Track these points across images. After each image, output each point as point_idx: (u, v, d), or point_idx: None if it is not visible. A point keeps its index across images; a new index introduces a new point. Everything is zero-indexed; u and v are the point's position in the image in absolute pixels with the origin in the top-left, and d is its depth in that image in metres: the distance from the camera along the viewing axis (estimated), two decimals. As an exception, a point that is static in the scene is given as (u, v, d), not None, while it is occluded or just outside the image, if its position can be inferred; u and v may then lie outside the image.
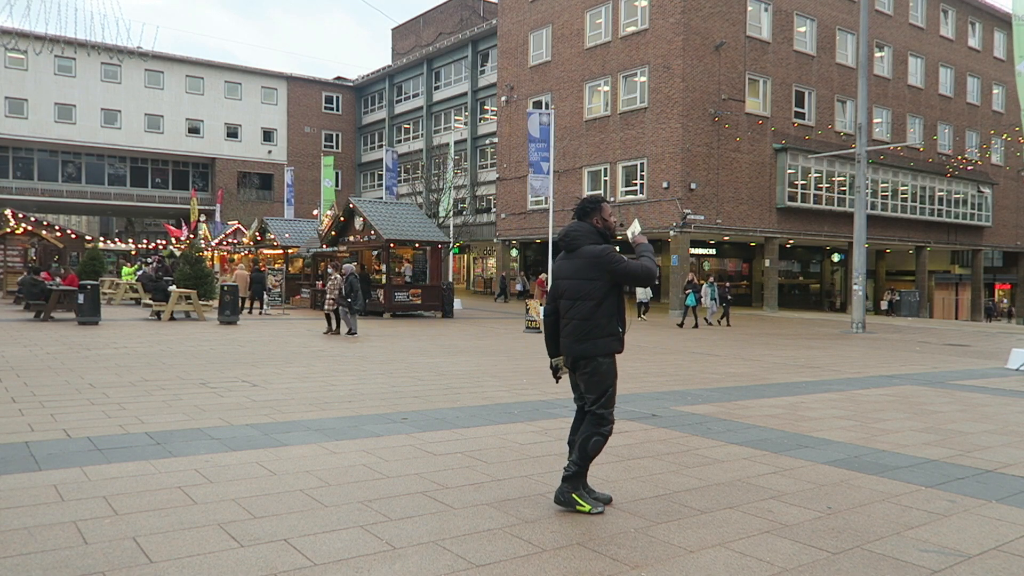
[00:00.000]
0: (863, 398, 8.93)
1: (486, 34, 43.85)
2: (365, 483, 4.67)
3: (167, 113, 49.62)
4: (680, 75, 28.15)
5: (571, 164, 32.72)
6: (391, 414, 7.00)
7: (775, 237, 31.43)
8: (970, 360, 14.36)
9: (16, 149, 47.08)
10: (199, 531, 3.73)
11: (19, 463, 4.90)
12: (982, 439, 6.61)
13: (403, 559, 3.45)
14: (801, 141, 31.92)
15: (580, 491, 4.18)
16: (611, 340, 4.12)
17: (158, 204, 51.05)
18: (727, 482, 4.95)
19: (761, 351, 14.83)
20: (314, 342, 14.03)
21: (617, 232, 4.46)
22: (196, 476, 4.71)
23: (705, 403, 8.15)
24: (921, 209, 36.93)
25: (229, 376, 9.22)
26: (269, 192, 52.64)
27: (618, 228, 4.60)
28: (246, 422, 6.45)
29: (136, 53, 39.87)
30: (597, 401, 4.14)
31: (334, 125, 56.14)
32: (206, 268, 21.70)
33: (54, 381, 8.44)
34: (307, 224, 31.25)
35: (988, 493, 4.85)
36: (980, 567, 3.57)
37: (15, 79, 45.21)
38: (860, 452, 5.94)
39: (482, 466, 5.19)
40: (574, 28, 33.08)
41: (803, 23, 32.41)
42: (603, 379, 4.12)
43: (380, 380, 9.27)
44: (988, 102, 41.84)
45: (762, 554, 3.66)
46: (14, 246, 28.22)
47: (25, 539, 3.55)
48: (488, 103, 44.56)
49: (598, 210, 4.29)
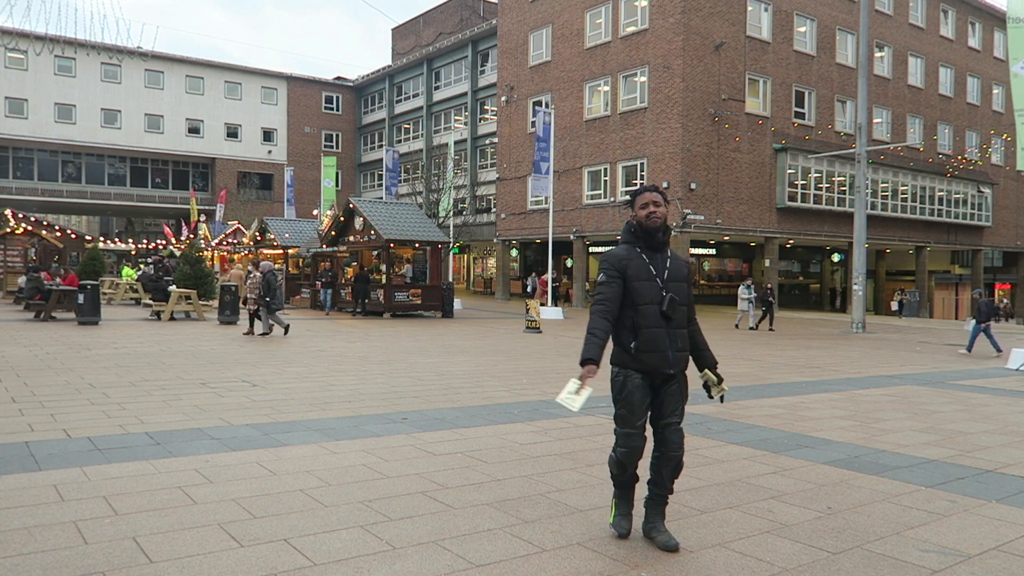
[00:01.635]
0: (863, 398, 8.93)
1: (486, 34, 43.85)
2: (365, 483, 4.67)
3: (167, 113, 49.62)
4: (680, 75, 28.15)
5: (571, 164, 32.71)
6: (391, 414, 7.00)
7: (775, 237, 31.42)
8: (970, 360, 14.36)
9: (16, 149, 47.07)
10: (199, 531, 3.73)
11: (19, 463, 4.90)
12: (982, 439, 6.61)
13: (403, 559, 3.45)
14: (801, 141, 31.92)
15: (617, 500, 3.92)
16: (618, 351, 3.76)
17: (158, 204, 51.06)
18: (727, 482, 4.94)
19: (761, 351, 14.83)
20: (314, 342, 14.03)
21: (669, 223, 3.79)
22: (196, 476, 4.71)
23: (705, 403, 8.14)
24: (921, 209, 36.93)
25: (229, 376, 9.22)
26: (269, 192, 52.64)
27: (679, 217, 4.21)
28: (246, 422, 6.45)
29: (136, 53, 39.87)
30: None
31: (334, 125, 56.14)
32: (206, 268, 21.70)
33: (54, 381, 8.44)
34: (307, 224, 31.27)
35: (988, 493, 4.85)
36: (980, 567, 3.57)
37: (15, 79, 45.21)
38: (860, 452, 5.93)
39: (482, 466, 5.18)
40: (574, 28, 33.07)
41: (803, 23, 32.41)
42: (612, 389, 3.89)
43: (380, 380, 9.27)
44: (988, 102, 41.84)
45: (762, 554, 3.66)
46: (14, 246, 28.23)
47: (25, 539, 3.55)
48: (488, 103, 44.56)
49: (631, 204, 3.81)
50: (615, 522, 3.86)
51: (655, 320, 3.63)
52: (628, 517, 3.86)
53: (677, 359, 3.66)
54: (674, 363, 3.65)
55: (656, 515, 3.79)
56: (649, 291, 3.64)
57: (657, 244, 3.73)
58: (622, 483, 3.83)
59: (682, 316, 3.70)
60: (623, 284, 3.66)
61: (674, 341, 3.66)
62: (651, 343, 3.62)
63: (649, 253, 3.72)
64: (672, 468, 3.70)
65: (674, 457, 3.68)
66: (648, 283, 3.65)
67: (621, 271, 3.67)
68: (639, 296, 3.63)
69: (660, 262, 3.71)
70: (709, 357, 3.85)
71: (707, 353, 3.86)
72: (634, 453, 3.68)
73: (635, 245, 3.74)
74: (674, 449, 3.68)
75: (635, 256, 3.70)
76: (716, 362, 3.86)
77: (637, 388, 3.65)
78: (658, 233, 3.71)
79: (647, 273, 3.66)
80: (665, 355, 3.63)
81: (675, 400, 3.71)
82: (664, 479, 3.72)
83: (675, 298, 3.64)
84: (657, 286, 3.65)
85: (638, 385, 3.65)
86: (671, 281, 3.69)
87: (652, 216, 3.69)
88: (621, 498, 3.89)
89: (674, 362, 3.65)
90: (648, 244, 3.73)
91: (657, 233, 3.71)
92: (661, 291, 3.65)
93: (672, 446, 3.68)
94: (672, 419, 3.70)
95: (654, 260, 3.70)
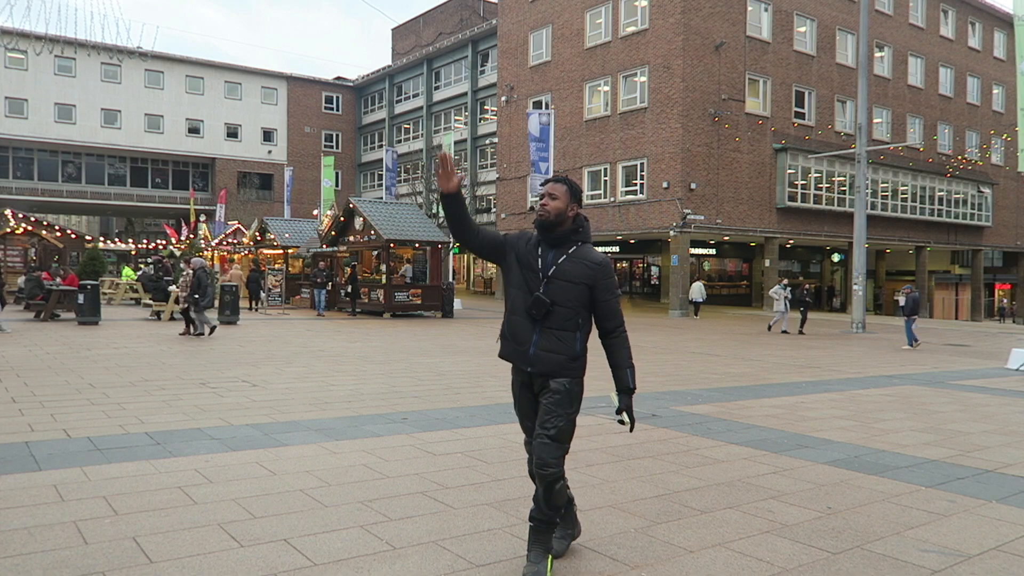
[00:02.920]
0: (863, 398, 8.93)
1: (486, 34, 43.85)
2: (365, 483, 4.67)
3: (167, 113, 49.61)
4: (680, 75, 28.15)
5: (571, 164, 32.71)
6: (391, 414, 7.00)
7: (775, 237, 31.42)
8: (970, 360, 14.36)
9: (16, 149, 47.07)
10: (199, 531, 3.73)
11: (19, 463, 4.90)
12: (982, 439, 6.61)
13: (403, 559, 3.45)
14: (801, 141, 31.92)
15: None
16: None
17: (158, 204, 51.05)
18: (727, 482, 4.94)
19: (761, 351, 14.82)
20: (314, 342, 14.03)
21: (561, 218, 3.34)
22: (196, 476, 4.71)
23: (705, 403, 8.15)
24: (921, 209, 36.93)
25: (229, 376, 9.22)
26: (269, 192, 52.63)
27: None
28: (246, 422, 6.45)
29: (136, 53, 39.88)
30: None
31: (334, 125, 56.13)
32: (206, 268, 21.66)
33: (54, 381, 8.44)
34: (307, 224, 31.26)
35: (988, 493, 4.85)
36: (980, 567, 3.57)
37: (15, 79, 45.20)
38: (860, 452, 5.94)
39: (482, 466, 5.18)
40: (574, 28, 33.08)
41: (803, 23, 32.41)
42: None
43: (380, 380, 9.27)
44: (988, 102, 41.84)
45: (762, 554, 3.66)
46: (14, 246, 28.22)
47: (25, 539, 3.55)
48: (488, 103, 44.56)
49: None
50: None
51: (522, 310, 3.28)
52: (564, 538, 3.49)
53: (538, 358, 3.25)
54: (533, 361, 3.26)
55: (532, 542, 3.30)
56: (526, 280, 3.29)
57: (552, 240, 3.31)
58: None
59: (560, 319, 3.25)
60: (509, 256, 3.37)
61: (544, 339, 3.25)
62: (510, 330, 3.33)
63: (544, 247, 3.32)
64: (544, 488, 3.22)
65: (544, 476, 3.19)
66: (529, 272, 3.30)
67: (512, 246, 3.38)
68: (515, 279, 3.32)
69: (552, 258, 3.30)
70: (623, 378, 3.31)
71: (621, 373, 3.32)
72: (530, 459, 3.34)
73: (537, 239, 3.37)
74: (541, 466, 3.19)
75: (531, 244, 3.35)
76: (633, 388, 3.32)
77: (516, 388, 3.41)
78: (550, 228, 3.31)
79: (532, 264, 3.30)
80: (524, 350, 3.28)
81: (547, 412, 3.24)
82: (538, 500, 3.26)
83: (542, 298, 3.20)
84: (537, 279, 3.27)
85: (518, 386, 3.40)
86: (556, 279, 3.25)
87: (542, 208, 3.31)
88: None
89: (533, 360, 3.26)
90: (547, 240, 3.33)
91: (549, 228, 3.31)
92: (538, 286, 3.26)
93: (540, 462, 3.20)
94: (542, 431, 3.23)
95: (545, 254, 3.31)
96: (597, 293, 3.29)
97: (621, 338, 3.34)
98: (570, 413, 3.27)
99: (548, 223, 3.30)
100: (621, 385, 3.32)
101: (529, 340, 3.27)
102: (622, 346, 3.34)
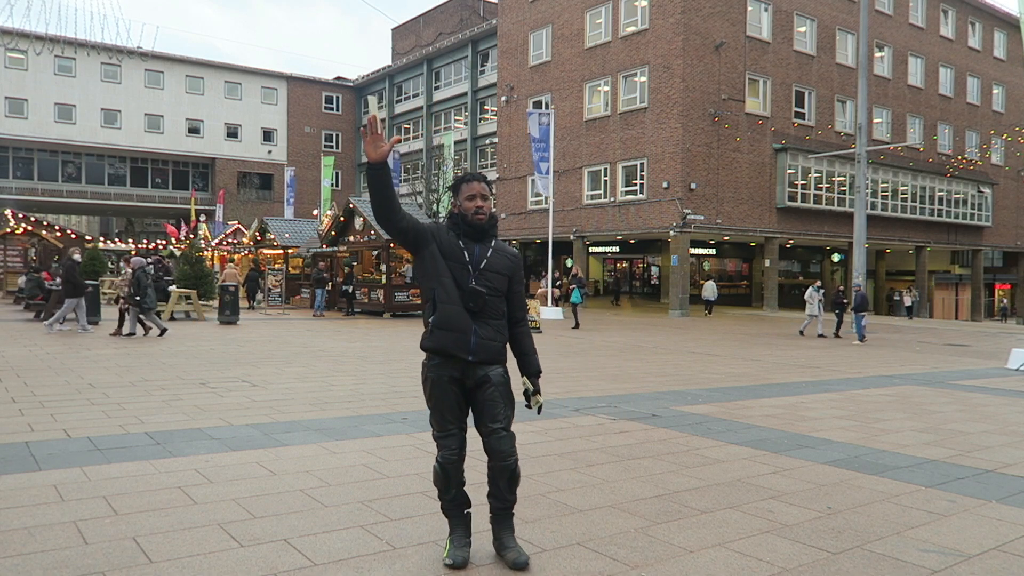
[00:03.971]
0: (863, 398, 8.93)
1: (486, 34, 43.85)
2: (365, 483, 4.67)
3: (167, 113, 49.61)
4: (680, 75, 28.15)
5: (571, 164, 32.72)
6: (391, 414, 7.00)
7: (775, 237, 31.42)
8: (970, 360, 14.36)
9: (16, 149, 47.07)
10: (199, 531, 3.73)
11: (19, 463, 4.90)
12: (982, 439, 6.61)
13: (403, 559, 3.45)
14: (801, 141, 31.92)
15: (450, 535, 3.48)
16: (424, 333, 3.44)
17: (158, 204, 51.05)
18: (727, 482, 4.94)
19: (761, 351, 14.83)
20: (315, 342, 14.03)
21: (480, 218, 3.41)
22: (196, 476, 4.71)
23: (705, 403, 8.15)
24: (921, 209, 36.94)
25: (229, 376, 9.22)
26: (269, 192, 52.62)
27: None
28: (246, 422, 6.45)
29: (136, 53, 39.89)
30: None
31: (334, 125, 56.13)
32: (206, 268, 21.71)
33: (54, 381, 8.44)
34: (307, 224, 31.28)
35: (988, 493, 4.85)
36: (980, 567, 3.57)
37: (15, 79, 45.20)
38: (860, 452, 5.93)
39: (482, 466, 5.15)
40: (574, 28, 33.08)
41: (803, 23, 32.41)
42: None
43: (380, 380, 9.27)
44: (988, 102, 41.84)
45: (762, 554, 3.65)
46: (14, 246, 28.23)
47: (25, 539, 3.55)
48: (488, 103, 44.57)
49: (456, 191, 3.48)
50: (449, 554, 3.37)
51: (455, 297, 3.29)
52: (464, 547, 3.40)
53: (480, 346, 3.30)
54: (475, 350, 3.29)
55: (502, 529, 3.45)
56: (452, 272, 3.32)
57: (480, 236, 3.40)
58: (449, 506, 3.43)
59: (492, 309, 3.34)
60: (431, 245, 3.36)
61: (483, 328, 3.31)
62: (448, 320, 3.29)
63: (467, 241, 3.38)
64: (507, 479, 3.35)
65: (506, 467, 3.33)
66: (456, 264, 3.33)
67: (435, 236, 3.39)
68: (439, 269, 3.33)
69: (478, 251, 3.38)
70: (532, 363, 3.49)
71: (531, 359, 3.49)
72: (451, 459, 3.34)
73: (456, 233, 3.40)
74: (503, 458, 3.32)
75: (451, 237, 3.39)
76: (539, 371, 3.50)
77: (443, 383, 3.33)
78: (485, 229, 3.40)
79: (458, 256, 3.34)
80: (465, 337, 3.28)
81: (495, 404, 3.33)
82: (502, 491, 3.38)
83: (478, 290, 3.28)
84: (468, 272, 3.32)
85: (444, 381, 3.32)
86: (487, 271, 3.34)
87: (480, 211, 3.37)
88: (454, 529, 3.43)
89: (476, 349, 3.29)
90: (469, 236, 3.39)
91: (484, 229, 3.40)
92: (469, 278, 3.31)
93: (501, 455, 3.32)
94: (495, 425, 3.31)
95: (470, 248, 3.37)
96: (513, 284, 3.47)
97: (526, 326, 3.58)
98: (513, 401, 3.43)
99: (485, 226, 3.41)
100: (532, 369, 3.52)
101: (469, 329, 3.31)
102: (527, 334, 3.57)
